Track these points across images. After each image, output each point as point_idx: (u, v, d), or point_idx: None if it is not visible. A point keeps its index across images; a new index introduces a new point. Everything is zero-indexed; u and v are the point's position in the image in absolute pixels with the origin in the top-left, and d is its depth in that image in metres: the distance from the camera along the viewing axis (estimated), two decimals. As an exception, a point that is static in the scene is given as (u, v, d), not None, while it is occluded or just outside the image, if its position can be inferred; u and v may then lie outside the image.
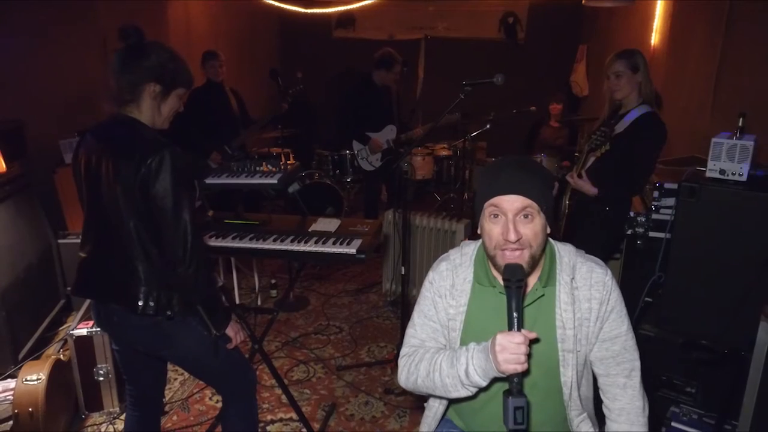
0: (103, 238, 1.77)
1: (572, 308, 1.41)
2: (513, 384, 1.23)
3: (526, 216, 1.34)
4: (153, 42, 1.78)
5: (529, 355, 1.29)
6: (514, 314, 1.26)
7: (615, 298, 1.44)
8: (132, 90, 1.74)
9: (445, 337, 1.53)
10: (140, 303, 1.71)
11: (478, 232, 1.44)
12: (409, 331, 1.58)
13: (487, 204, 1.37)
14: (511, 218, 1.34)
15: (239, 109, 4.55)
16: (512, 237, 1.32)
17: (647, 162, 2.66)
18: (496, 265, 1.39)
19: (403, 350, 1.57)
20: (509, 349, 1.23)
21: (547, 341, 1.42)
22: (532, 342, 1.34)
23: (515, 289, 1.27)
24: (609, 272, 1.46)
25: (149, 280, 1.71)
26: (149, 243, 1.70)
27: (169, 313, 1.74)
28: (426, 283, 1.56)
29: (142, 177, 1.63)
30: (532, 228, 1.34)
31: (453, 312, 1.49)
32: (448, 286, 1.51)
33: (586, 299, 1.42)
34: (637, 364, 1.47)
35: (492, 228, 1.37)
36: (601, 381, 1.50)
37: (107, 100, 1.77)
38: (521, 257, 1.34)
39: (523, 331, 1.25)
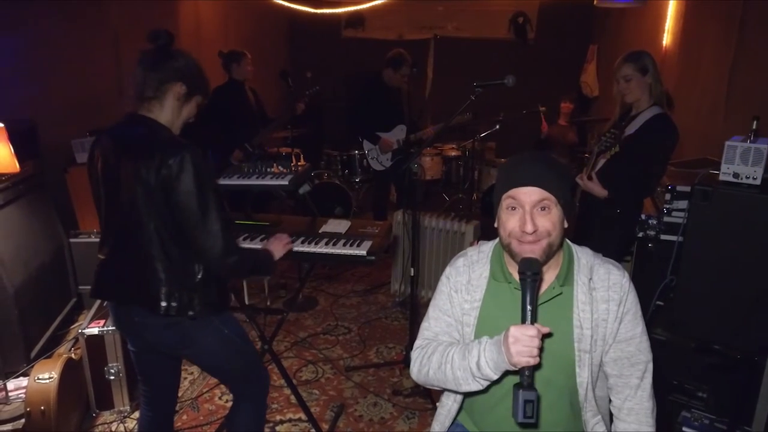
0: (122, 239, 1.77)
1: (590, 308, 1.42)
2: (524, 377, 1.24)
3: (543, 208, 1.36)
4: (181, 49, 1.82)
5: (543, 352, 1.31)
6: (528, 307, 1.26)
7: (631, 299, 1.45)
8: (157, 87, 1.74)
9: (459, 332, 1.54)
10: (162, 304, 1.71)
11: (495, 225, 1.46)
12: (424, 324, 1.60)
13: (504, 196, 1.39)
14: (528, 210, 1.36)
15: (258, 107, 4.60)
16: (529, 228, 1.34)
17: (658, 164, 2.65)
18: (511, 254, 1.41)
19: (417, 343, 1.58)
20: (522, 342, 1.24)
21: (564, 340, 1.42)
22: (548, 339, 1.36)
23: (530, 282, 1.28)
24: (626, 274, 1.47)
25: (170, 281, 1.72)
26: (170, 243, 1.71)
27: (191, 313, 1.75)
28: (443, 278, 1.58)
29: (163, 178, 1.63)
30: (550, 219, 1.36)
31: (468, 307, 1.51)
32: (464, 281, 1.53)
33: (603, 300, 1.43)
34: (650, 366, 1.48)
35: (508, 219, 1.39)
36: (612, 381, 1.51)
37: (129, 98, 1.78)
38: (539, 246, 1.35)
39: (536, 324, 1.26)
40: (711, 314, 2.19)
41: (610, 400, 1.55)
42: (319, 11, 6.75)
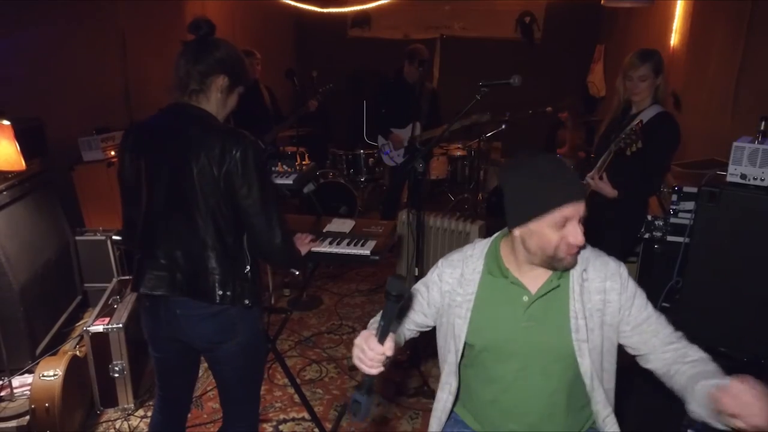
0: (169, 229, 1.73)
1: (582, 299, 1.46)
2: (364, 380, 1.30)
3: (579, 220, 1.39)
4: (221, 38, 1.81)
5: (541, 343, 1.45)
6: (382, 323, 1.25)
7: (633, 286, 1.49)
8: (201, 80, 1.73)
9: (425, 315, 1.63)
10: (219, 292, 1.71)
11: (515, 234, 1.43)
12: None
13: (557, 210, 1.34)
14: (576, 224, 1.37)
15: (273, 106, 4.63)
16: (581, 240, 1.37)
17: (664, 162, 2.65)
18: (557, 260, 1.40)
19: None
20: (361, 350, 1.30)
21: (561, 331, 1.46)
22: (545, 331, 1.46)
23: (392, 302, 1.20)
24: (623, 265, 1.51)
25: (223, 270, 1.72)
26: (226, 232, 1.71)
27: (247, 302, 1.76)
28: (434, 267, 1.63)
29: (226, 167, 1.64)
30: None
31: (459, 300, 1.54)
32: (458, 275, 1.56)
33: (597, 291, 1.46)
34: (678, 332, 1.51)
35: (554, 232, 1.36)
36: (653, 364, 1.49)
37: (170, 89, 1.77)
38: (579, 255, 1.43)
39: (385, 344, 1.25)
40: (717, 317, 2.18)
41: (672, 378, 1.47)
42: (325, 10, 6.75)
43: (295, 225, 2.55)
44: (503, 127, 5.38)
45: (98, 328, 2.67)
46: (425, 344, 3.11)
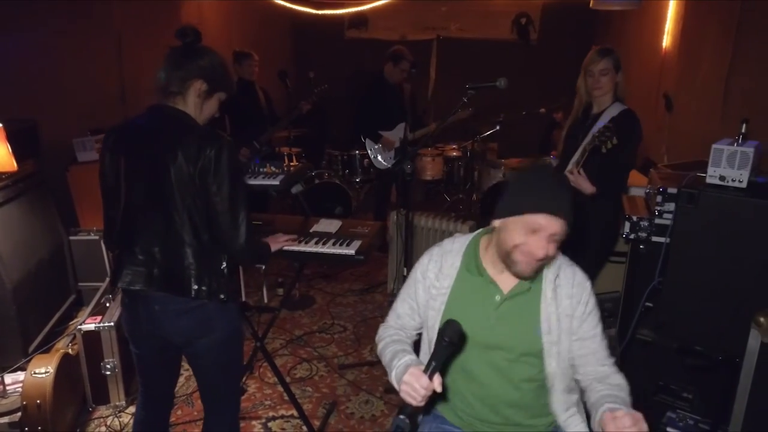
0: (147, 226, 1.78)
1: (555, 303, 1.51)
2: (405, 406, 1.31)
3: (555, 240, 1.42)
4: (207, 46, 1.87)
5: (507, 337, 1.50)
6: (433, 363, 1.31)
7: (593, 302, 1.54)
8: (180, 84, 1.80)
9: (419, 316, 1.65)
10: (194, 286, 1.76)
11: (496, 224, 1.49)
12: (395, 302, 1.74)
13: (530, 216, 1.41)
14: (546, 236, 1.40)
15: (268, 107, 4.68)
16: (542, 254, 1.40)
17: (633, 158, 2.69)
18: (508, 260, 1.46)
19: (386, 319, 1.75)
20: (411, 386, 1.33)
21: (528, 331, 1.52)
22: (514, 328, 1.50)
23: (444, 347, 1.30)
24: (589, 279, 1.57)
25: (199, 266, 1.77)
26: (202, 229, 1.76)
27: (222, 296, 1.80)
28: (417, 263, 1.68)
29: (201, 166, 1.69)
30: (555, 247, 1.43)
31: (435, 293, 1.60)
32: (436, 269, 1.61)
33: (567, 296, 1.52)
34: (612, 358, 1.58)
35: (521, 235, 1.42)
36: (581, 375, 1.57)
37: (153, 91, 1.83)
38: (537, 267, 1.45)
39: (434, 380, 1.30)
40: (696, 316, 2.21)
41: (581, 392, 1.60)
42: (320, 12, 6.78)
43: (283, 225, 2.58)
44: (498, 128, 5.41)
45: (90, 326, 2.71)
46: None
